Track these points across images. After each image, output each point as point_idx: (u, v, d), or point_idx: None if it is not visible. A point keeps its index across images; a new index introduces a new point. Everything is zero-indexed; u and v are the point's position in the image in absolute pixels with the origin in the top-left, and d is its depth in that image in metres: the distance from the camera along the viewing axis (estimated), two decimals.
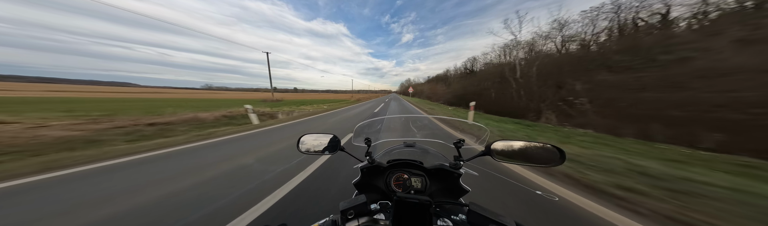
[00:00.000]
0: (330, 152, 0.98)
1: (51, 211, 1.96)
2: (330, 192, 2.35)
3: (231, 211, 1.94)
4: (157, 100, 28.47)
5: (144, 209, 2.00)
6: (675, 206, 2.06)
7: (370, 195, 0.67)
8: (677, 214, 1.93)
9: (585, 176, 2.79)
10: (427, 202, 0.48)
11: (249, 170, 3.06)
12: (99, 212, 1.93)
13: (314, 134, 1.05)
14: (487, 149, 0.79)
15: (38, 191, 2.41)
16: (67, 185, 2.54)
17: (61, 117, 7.69)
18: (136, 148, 4.20)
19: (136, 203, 2.09)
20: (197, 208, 1.99)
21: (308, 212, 1.95)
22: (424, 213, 0.48)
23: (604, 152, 4.17)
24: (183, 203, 2.11)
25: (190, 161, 3.52)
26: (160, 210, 1.98)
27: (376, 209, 0.60)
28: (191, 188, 2.44)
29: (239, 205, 2.05)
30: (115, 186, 2.52)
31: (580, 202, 2.18)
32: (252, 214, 1.90)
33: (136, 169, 3.12)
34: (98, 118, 7.42)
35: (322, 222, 0.57)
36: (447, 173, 0.79)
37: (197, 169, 3.09)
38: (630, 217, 1.92)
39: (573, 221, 1.87)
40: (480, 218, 0.50)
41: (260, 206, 2.03)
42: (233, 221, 1.78)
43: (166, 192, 2.34)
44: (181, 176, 2.79)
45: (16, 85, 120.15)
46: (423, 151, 1.17)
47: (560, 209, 2.03)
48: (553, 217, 1.91)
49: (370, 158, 0.86)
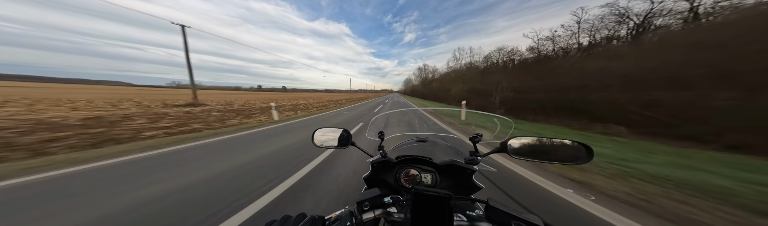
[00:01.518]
0: (341, 146, 1.00)
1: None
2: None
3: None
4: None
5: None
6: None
7: (382, 190, 0.65)
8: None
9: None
10: (447, 195, 0.46)
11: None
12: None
13: (326, 129, 1.08)
14: (503, 145, 0.74)
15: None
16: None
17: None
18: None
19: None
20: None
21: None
22: (441, 207, 0.46)
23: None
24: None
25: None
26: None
27: (388, 202, 0.60)
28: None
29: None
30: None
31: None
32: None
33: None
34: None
35: (339, 213, 0.57)
36: (459, 169, 0.77)
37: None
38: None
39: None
40: (501, 215, 0.49)
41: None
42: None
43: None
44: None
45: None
46: (434, 146, 1.17)
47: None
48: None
49: (383, 152, 0.86)
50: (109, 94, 30.35)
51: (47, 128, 5.51)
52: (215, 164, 3.21)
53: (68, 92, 35.01)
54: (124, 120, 7.34)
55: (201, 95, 22.91)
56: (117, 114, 8.68)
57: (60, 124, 6.15)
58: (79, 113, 8.83)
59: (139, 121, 7.35)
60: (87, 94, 30.87)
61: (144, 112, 9.94)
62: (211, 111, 11.44)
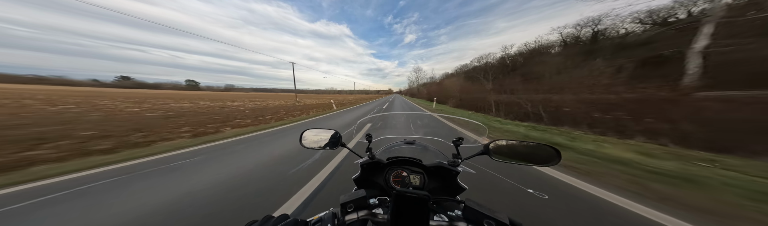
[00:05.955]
0: (331, 147, 1.01)
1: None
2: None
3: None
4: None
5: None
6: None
7: (370, 191, 0.68)
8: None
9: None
10: (426, 197, 0.49)
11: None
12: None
13: (316, 130, 1.08)
14: (485, 148, 0.80)
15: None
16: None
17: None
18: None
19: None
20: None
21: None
22: (422, 208, 0.49)
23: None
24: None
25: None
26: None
27: (374, 203, 0.64)
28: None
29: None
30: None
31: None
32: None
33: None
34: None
35: (322, 215, 0.58)
36: (445, 170, 0.80)
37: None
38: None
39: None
40: (475, 214, 0.52)
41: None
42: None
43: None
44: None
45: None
46: (423, 148, 1.20)
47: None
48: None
49: (371, 154, 0.89)
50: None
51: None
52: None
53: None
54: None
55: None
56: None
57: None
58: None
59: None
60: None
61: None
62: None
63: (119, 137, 5.48)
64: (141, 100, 21.63)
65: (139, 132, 6.08)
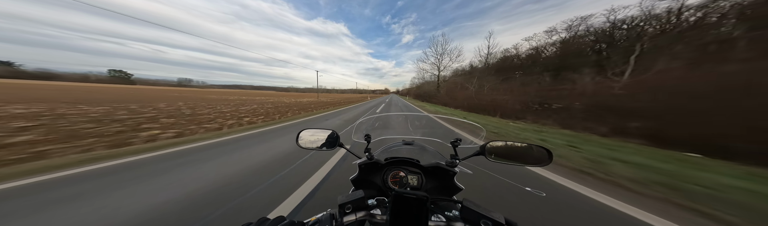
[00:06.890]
0: (328, 147, 1.00)
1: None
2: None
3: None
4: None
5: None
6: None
7: (367, 191, 0.67)
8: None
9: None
10: (424, 197, 0.49)
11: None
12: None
13: (313, 130, 1.06)
14: (481, 149, 0.83)
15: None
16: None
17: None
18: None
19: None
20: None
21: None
22: (420, 208, 0.49)
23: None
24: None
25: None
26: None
27: (373, 204, 0.64)
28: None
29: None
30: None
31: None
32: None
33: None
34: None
35: (320, 216, 0.58)
36: (443, 171, 0.80)
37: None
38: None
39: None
40: (472, 214, 0.52)
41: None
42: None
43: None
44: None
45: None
46: (421, 149, 1.20)
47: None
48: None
49: (369, 155, 0.89)
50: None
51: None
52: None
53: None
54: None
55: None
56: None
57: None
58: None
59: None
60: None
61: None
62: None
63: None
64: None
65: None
